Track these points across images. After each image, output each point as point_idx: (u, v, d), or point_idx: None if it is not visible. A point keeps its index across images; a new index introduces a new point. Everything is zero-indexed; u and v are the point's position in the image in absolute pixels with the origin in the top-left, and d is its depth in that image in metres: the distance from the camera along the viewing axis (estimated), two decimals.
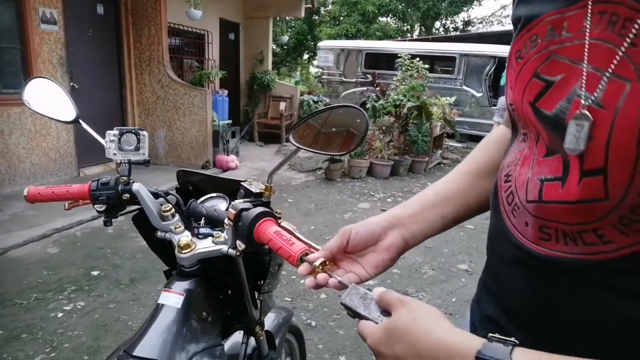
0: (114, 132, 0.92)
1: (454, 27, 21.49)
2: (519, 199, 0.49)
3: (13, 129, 4.56)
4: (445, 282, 3.07)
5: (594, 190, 0.40)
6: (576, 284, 0.44)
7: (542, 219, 0.46)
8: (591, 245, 0.42)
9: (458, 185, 0.69)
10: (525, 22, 0.47)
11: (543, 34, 0.44)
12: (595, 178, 0.39)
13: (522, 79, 0.47)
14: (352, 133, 0.79)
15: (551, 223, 0.45)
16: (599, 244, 0.41)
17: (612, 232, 0.40)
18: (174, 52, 6.90)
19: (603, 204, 0.40)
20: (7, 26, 4.54)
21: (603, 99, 0.38)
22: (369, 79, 7.86)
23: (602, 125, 0.38)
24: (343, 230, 0.63)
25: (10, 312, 2.50)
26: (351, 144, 0.79)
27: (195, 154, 6.18)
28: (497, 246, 0.56)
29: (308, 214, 4.53)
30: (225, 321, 0.95)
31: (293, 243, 0.66)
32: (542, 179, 0.45)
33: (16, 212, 3.97)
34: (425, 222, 0.66)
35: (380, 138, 6.42)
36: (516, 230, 0.50)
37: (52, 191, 0.92)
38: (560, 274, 0.45)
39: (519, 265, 0.50)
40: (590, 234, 0.42)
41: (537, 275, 0.48)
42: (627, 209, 0.38)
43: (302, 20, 17.38)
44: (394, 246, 0.63)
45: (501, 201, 0.53)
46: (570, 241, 0.43)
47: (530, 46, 0.46)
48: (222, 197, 1.00)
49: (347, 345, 2.32)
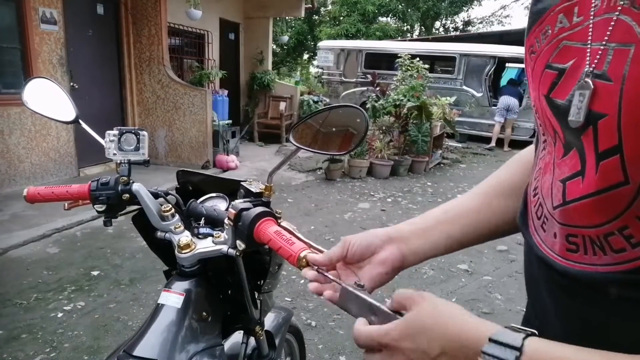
0: (114, 132, 0.92)
1: (454, 27, 21.49)
2: (547, 209, 0.47)
3: (13, 129, 4.56)
4: (445, 282, 3.07)
5: (612, 173, 0.37)
6: (612, 305, 0.41)
7: (569, 226, 0.44)
8: (620, 251, 0.39)
9: (469, 204, 0.66)
10: (536, 17, 0.46)
11: (554, 24, 0.43)
12: (611, 159, 0.37)
13: (537, 73, 0.45)
14: (352, 133, 0.79)
15: (577, 230, 0.43)
16: (627, 248, 0.39)
17: (639, 228, 0.37)
18: (174, 52, 6.90)
19: (624, 190, 0.37)
20: (7, 26, 4.54)
21: (610, 71, 0.37)
22: (369, 79, 7.86)
23: (612, 98, 0.36)
24: (344, 240, 0.62)
25: (10, 312, 2.50)
26: (351, 144, 0.79)
27: (195, 154, 6.18)
28: (529, 270, 0.53)
29: (308, 214, 4.53)
30: (225, 321, 0.95)
31: (293, 243, 0.66)
32: (564, 179, 0.43)
33: (16, 212, 3.97)
34: (427, 240, 0.63)
35: (380, 138, 6.42)
36: (544, 244, 0.48)
37: (51, 191, 0.92)
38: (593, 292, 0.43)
39: (550, 286, 0.48)
40: (617, 237, 0.39)
41: (570, 297, 0.46)
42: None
43: (302, 20, 17.39)
44: (390, 260, 0.61)
45: (530, 218, 0.51)
46: (598, 249, 0.41)
47: (542, 39, 0.45)
48: (221, 197, 1.00)
49: (347, 345, 2.32)
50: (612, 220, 0.39)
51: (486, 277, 3.18)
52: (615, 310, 0.41)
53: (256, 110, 8.80)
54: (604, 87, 0.37)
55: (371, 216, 4.55)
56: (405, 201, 5.18)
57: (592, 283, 0.42)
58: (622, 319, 0.40)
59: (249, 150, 7.66)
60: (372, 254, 0.62)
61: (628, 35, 0.35)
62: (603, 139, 0.38)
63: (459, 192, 5.75)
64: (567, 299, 0.46)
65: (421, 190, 5.74)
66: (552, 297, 0.48)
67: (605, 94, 0.37)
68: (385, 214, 4.64)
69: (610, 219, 0.39)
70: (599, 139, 0.38)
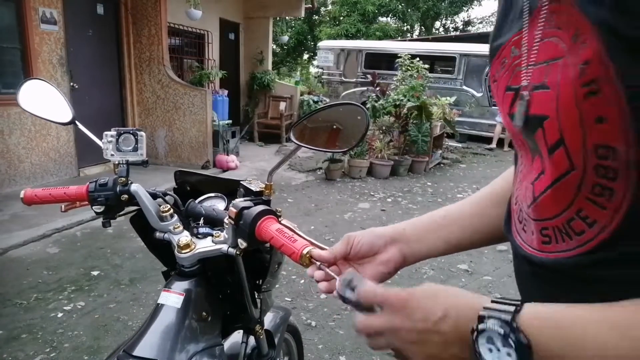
0: (112, 132, 0.92)
1: (454, 27, 21.49)
2: (524, 211, 0.52)
3: (13, 129, 4.56)
4: (445, 282, 3.07)
5: (562, 163, 0.44)
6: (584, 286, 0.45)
7: (540, 220, 0.49)
8: (581, 233, 0.44)
9: (467, 210, 0.69)
10: (495, 51, 0.55)
11: (509, 55, 0.51)
12: (558, 151, 0.44)
13: (500, 96, 0.53)
14: (353, 130, 0.79)
15: (547, 222, 0.48)
16: (586, 229, 0.43)
17: (591, 209, 0.42)
18: (174, 52, 6.90)
19: (572, 176, 0.43)
20: (7, 26, 4.54)
21: (548, 81, 0.44)
22: (369, 79, 7.86)
23: (551, 102, 0.43)
24: (347, 236, 0.64)
25: (10, 312, 2.50)
26: (352, 141, 0.79)
27: (195, 154, 6.18)
28: (517, 269, 0.58)
29: (308, 214, 4.53)
30: (225, 320, 0.95)
31: (295, 240, 0.66)
32: (533, 180, 0.50)
33: (16, 212, 3.97)
34: (426, 243, 0.67)
35: (380, 138, 6.42)
36: (526, 243, 0.52)
37: (49, 193, 0.92)
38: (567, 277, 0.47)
39: (535, 279, 0.52)
40: (577, 220, 0.44)
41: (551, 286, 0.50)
42: (591, 172, 0.41)
43: (302, 20, 17.39)
44: (392, 262, 0.64)
45: (513, 223, 0.56)
46: (565, 236, 0.46)
47: (501, 68, 0.53)
48: (220, 197, 1.00)
49: (347, 345, 2.32)
50: (569, 206, 0.45)
51: (486, 277, 3.18)
52: (589, 291, 0.44)
53: (256, 110, 8.80)
54: (544, 94, 0.44)
55: (371, 216, 4.55)
56: (405, 201, 5.18)
57: (566, 269, 0.46)
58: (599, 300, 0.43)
59: (249, 150, 7.66)
60: (374, 253, 0.64)
61: (557, 51, 0.43)
62: (549, 135, 0.44)
63: (459, 192, 5.76)
64: (550, 289, 0.50)
65: (421, 190, 5.74)
66: (539, 291, 0.52)
67: (546, 100, 0.44)
68: (385, 214, 4.64)
69: (568, 205, 0.45)
70: (547, 137, 0.45)
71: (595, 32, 0.38)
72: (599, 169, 0.41)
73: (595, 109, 0.39)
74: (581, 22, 0.40)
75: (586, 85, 0.39)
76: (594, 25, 0.38)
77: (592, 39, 0.38)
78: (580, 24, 0.40)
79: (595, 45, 0.38)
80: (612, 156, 0.39)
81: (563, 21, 0.42)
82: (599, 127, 0.39)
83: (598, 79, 0.38)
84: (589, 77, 0.39)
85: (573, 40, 0.41)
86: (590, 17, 0.39)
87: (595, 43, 0.38)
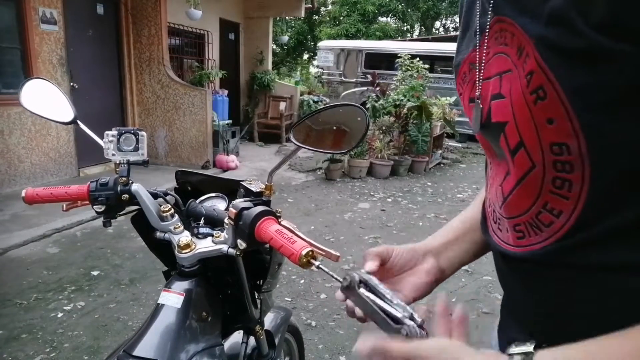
0: (113, 132, 0.92)
1: (454, 27, 21.48)
2: (497, 212, 0.56)
3: (13, 129, 4.56)
4: (445, 282, 3.03)
5: (524, 162, 0.47)
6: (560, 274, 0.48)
7: (512, 218, 0.52)
8: (550, 224, 0.47)
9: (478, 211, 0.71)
10: (457, 68, 0.61)
11: (467, 70, 0.57)
12: (519, 152, 0.47)
13: (466, 107, 0.59)
14: (352, 131, 0.79)
15: (518, 219, 0.51)
16: (554, 220, 0.47)
17: (555, 200, 0.46)
18: (174, 52, 6.90)
19: (535, 173, 0.47)
20: (7, 26, 4.54)
21: (503, 90, 0.49)
22: (369, 79, 7.86)
23: (507, 109, 0.47)
24: (386, 247, 0.64)
25: (10, 312, 2.50)
26: (352, 142, 0.80)
27: (195, 154, 6.18)
28: (497, 267, 0.60)
29: (308, 214, 4.53)
30: (225, 321, 0.95)
31: (295, 241, 0.66)
32: (501, 182, 0.54)
33: (16, 212, 3.97)
34: (457, 250, 0.69)
35: (380, 138, 6.42)
36: (502, 241, 0.56)
37: (50, 192, 0.92)
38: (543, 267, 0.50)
39: (514, 274, 0.55)
40: (545, 213, 0.47)
41: (529, 278, 0.53)
42: (550, 167, 0.45)
43: (302, 20, 17.38)
44: (433, 272, 0.66)
45: (489, 224, 0.60)
46: (537, 229, 0.49)
47: (463, 82, 0.59)
48: (220, 197, 1.00)
49: (347, 345, 2.32)
50: (536, 201, 0.48)
51: (486, 277, 3.18)
52: (563, 277, 0.48)
53: (256, 110, 8.80)
54: (501, 103, 0.49)
55: (371, 216, 4.55)
56: (405, 201, 5.17)
57: (540, 259, 0.49)
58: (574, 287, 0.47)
59: (249, 150, 7.66)
60: (414, 265, 0.66)
61: (506, 65, 0.48)
62: (510, 139, 0.48)
63: (459, 192, 5.76)
64: (529, 281, 0.53)
65: (421, 190, 5.74)
66: (519, 285, 0.55)
67: (503, 107, 0.49)
68: (385, 214, 4.64)
69: (534, 200, 0.48)
70: (508, 140, 0.49)
71: (535, 46, 0.43)
72: (556, 164, 0.45)
73: (544, 112, 0.43)
74: (523, 38, 0.45)
75: (534, 92, 0.44)
76: (533, 40, 0.43)
77: (533, 52, 0.43)
78: (522, 39, 0.45)
79: (537, 56, 0.43)
80: (566, 151, 0.43)
81: (508, 38, 0.48)
82: (550, 127, 0.43)
83: (542, 85, 0.42)
84: (535, 85, 0.43)
85: (518, 55, 0.46)
86: (530, 33, 0.44)
87: (537, 55, 0.43)
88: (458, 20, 0.65)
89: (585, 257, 0.45)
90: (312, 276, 3.00)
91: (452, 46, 3.86)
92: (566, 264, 0.47)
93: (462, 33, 0.61)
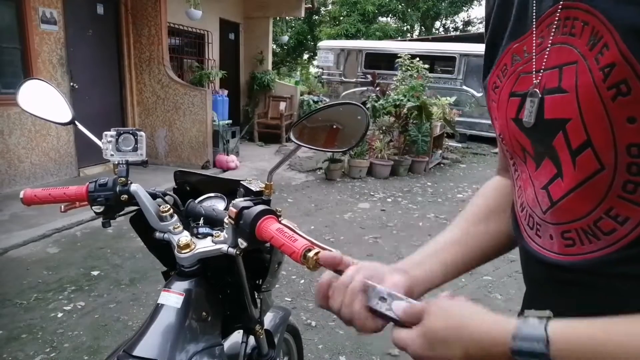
0: (111, 132, 0.92)
1: (454, 27, 21.48)
2: (537, 217, 0.52)
3: (13, 129, 4.56)
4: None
5: (589, 164, 0.43)
6: (614, 284, 0.45)
7: (561, 224, 0.48)
8: (611, 232, 0.43)
9: (454, 232, 0.70)
10: (493, 58, 0.56)
11: (510, 62, 0.53)
12: (585, 153, 0.43)
13: (502, 102, 0.54)
14: (353, 130, 0.79)
15: (569, 225, 0.47)
16: (617, 228, 0.43)
17: (622, 206, 0.42)
18: (174, 52, 6.90)
19: (602, 176, 0.43)
20: (7, 26, 4.53)
21: (564, 85, 0.44)
22: (369, 79, 7.85)
23: (571, 105, 0.43)
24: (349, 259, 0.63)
25: (10, 312, 2.50)
26: (352, 141, 0.79)
27: (195, 154, 6.17)
28: (530, 274, 0.57)
29: (308, 214, 4.53)
30: (225, 320, 0.94)
31: (296, 240, 0.66)
32: (545, 185, 0.49)
33: (16, 212, 3.97)
34: (425, 270, 0.65)
35: (380, 138, 6.42)
36: (543, 249, 0.52)
37: (49, 193, 0.92)
38: (594, 277, 0.46)
39: (555, 284, 0.52)
40: (606, 220, 0.43)
41: (573, 288, 0.49)
42: (623, 170, 0.41)
43: (302, 20, 17.38)
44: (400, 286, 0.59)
45: (523, 229, 0.56)
46: (592, 237, 0.45)
47: (502, 75, 0.54)
48: (220, 197, 1.00)
49: (347, 345, 2.32)
50: (598, 206, 0.44)
51: (486, 277, 3.18)
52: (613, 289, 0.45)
53: (256, 110, 8.79)
54: (562, 98, 0.45)
55: (371, 216, 4.55)
56: (405, 201, 5.17)
57: (593, 269, 0.46)
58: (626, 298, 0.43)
59: (249, 150, 7.66)
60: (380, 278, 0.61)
61: (572, 56, 0.44)
62: (574, 138, 0.44)
63: (459, 192, 5.76)
64: (573, 291, 0.49)
65: (421, 190, 5.74)
66: (560, 294, 0.51)
67: (564, 103, 0.44)
68: (385, 214, 4.63)
69: (596, 205, 0.44)
70: (570, 139, 0.44)
71: (621, 35, 0.39)
72: (632, 166, 0.41)
73: (625, 109, 0.39)
74: (601, 27, 0.40)
75: (613, 87, 0.39)
76: (619, 28, 0.39)
77: (616, 42, 0.39)
78: (600, 28, 0.40)
79: (622, 47, 0.38)
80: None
81: (577, 27, 0.43)
82: (630, 127, 0.39)
83: (626, 79, 0.38)
84: (616, 78, 0.39)
85: (590, 45, 0.41)
86: (615, 21, 0.39)
87: (623, 45, 0.38)
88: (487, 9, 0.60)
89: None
90: (312, 276, 2.99)
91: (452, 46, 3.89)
92: (623, 274, 0.44)
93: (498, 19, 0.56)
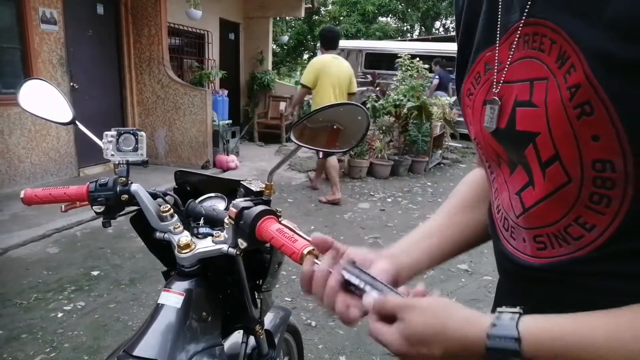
0: (112, 133, 0.92)
1: (454, 27, 21.47)
2: (512, 220, 0.54)
3: (13, 129, 4.56)
4: (445, 282, 3.07)
5: (558, 176, 0.45)
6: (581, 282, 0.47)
7: (533, 229, 0.50)
8: (580, 238, 0.46)
9: (441, 220, 0.71)
10: (465, 65, 0.57)
11: (482, 70, 0.54)
12: (553, 166, 0.45)
13: (477, 109, 0.55)
14: (353, 130, 0.79)
15: (541, 230, 0.49)
16: (585, 234, 0.45)
17: (589, 215, 0.44)
18: (174, 52, 6.90)
19: (570, 188, 0.44)
20: (7, 26, 4.53)
21: (534, 99, 0.45)
22: (369, 79, 7.85)
23: (541, 120, 0.44)
24: None
25: (10, 312, 2.50)
26: (352, 141, 0.80)
27: (195, 154, 6.17)
28: (505, 271, 0.59)
29: (308, 214, 4.53)
30: (225, 320, 0.95)
31: (296, 240, 0.66)
32: (518, 191, 0.51)
33: (16, 212, 3.97)
34: (411, 256, 0.66)
35: (380, 138, 6.41)
36: (517, 250, 0.54)
37: (49, 193, 0.92)
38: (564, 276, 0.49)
39: (527, 283, 0.54)
40: (575, 227, 0.46)
41: (544, 285, 0.51)
42: (590, 184, 0.43)
43: (302, 20, 17.37)
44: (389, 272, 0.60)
45: (499, 230, 0.58)
46: (562, 242, 0.47)
47: (476, 82, 0.55)
48: (220, 197, 1.00)
49: (347, 345, 2.32)
50: (567, 214, 0.46)
51: (486, 277, 3.18)
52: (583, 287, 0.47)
53: (256, 110, 8.79)
54: (532, 112, 0.46)
55: (371, 216, 4.55)
56: (405, 201, 5.17)
57: (562, 270, 0.48)
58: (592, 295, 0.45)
59: (249, 150, 7.65)
60: (369, 265, 0.61)
61: (542, 72, 0.44)
62: (543, 151, 0.45)
63: None
64: (544, 290, 0.52)
65: (421, 190, 5.74)
66: (531, 292, 0.54)
67: (535, 117, 0.45)
68: (385, 214, 4.63)
69: (565, 214, 0.46)
70: (540, 152, 0.46)
71: (586, 58, 0.39)
72: (597, 180, 0.42)
73: (589, 128, 0.40)
74: (569, 47, 0.41)
75: (578, 107, 0.40)
76: (585, 51, 0.39)
77: (582, 65, 0.40)
78: (567, 48, 0.41)
79: (586, 70, 0.39)
80: (610, 169, 0.41)
81: (546, 44, 0.44)
82: (594, 144, 0.41)
83: (590, 101, 0.39)
84: (581, 99, 0.40)
85: (559, 64, 0.42)
86: (582, 44, 0.40)
87: (587, 69, 0.39)
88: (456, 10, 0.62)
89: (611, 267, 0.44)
90: None
91: (452, 46, 3.84)
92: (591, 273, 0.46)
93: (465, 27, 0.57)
